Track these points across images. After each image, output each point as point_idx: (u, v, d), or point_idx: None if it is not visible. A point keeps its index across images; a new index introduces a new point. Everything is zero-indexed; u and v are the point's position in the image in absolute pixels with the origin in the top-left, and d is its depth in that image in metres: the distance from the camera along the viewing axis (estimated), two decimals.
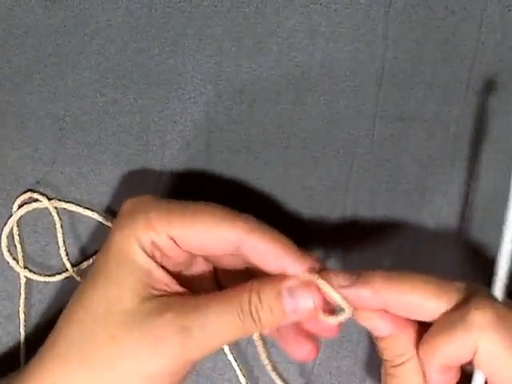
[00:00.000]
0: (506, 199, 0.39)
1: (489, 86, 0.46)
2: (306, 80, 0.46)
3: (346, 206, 0.47)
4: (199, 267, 0.42)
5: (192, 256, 0.41)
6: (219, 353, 0.47)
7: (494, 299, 0.37)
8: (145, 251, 0.38)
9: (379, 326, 0.38)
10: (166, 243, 0.38)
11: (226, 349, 0.47)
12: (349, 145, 0.47)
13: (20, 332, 0.47)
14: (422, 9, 0.46)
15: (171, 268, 0.40)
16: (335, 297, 0.37)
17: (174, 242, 0.38)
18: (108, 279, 0.38)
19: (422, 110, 0.46)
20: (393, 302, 0.37)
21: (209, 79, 0.46)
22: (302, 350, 0.40)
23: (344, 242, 0.47)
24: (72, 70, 0.46)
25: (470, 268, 0.48)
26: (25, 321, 0.47)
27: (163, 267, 0.39)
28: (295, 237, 0.46)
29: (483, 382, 0.36)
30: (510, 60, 0.46)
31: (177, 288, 0.39)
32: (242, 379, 0.47)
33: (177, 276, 0.40)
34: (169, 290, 0.38)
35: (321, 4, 0.45)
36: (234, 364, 0.47)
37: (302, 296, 0.37)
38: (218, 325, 0.37)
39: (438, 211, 0.47)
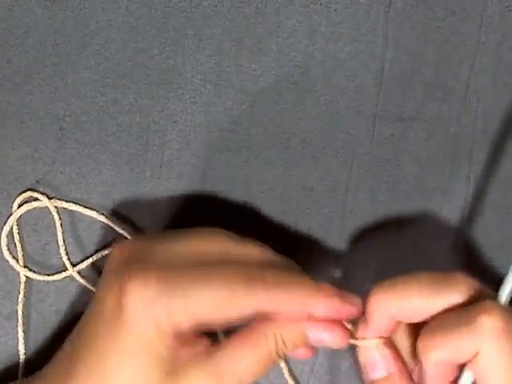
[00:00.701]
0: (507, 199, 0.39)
1: (489, 88, 0.46)
2: (305, 80, 0.46)
3: (345, 206, 0.47)
4: None
5: None
6: None
7: (501, 303, 0.37)
8: (168, 341, 0.37)
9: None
10: (187, 326, 0.37)
11: None
12: (349, 145, 0.47)
13: (18, 331, 0.47)
14: (422, 9, 0.45)
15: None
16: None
17: (195, 321, 0.37)
18: (133, 380, 0.37)
19: (422, 110, 0.46)
20: (397, 310, 0.38)
21: (209, 79, 0.46)
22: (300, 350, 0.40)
23: (344, 242, 0.47)
24: (72, 70, 0.46)
25: (470, 268, 0.48)
26: (24, 320, 0.47)
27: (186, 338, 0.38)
28: (295, 237, 0.47)
29: (471, 382, 0.36)
30: (510, 60, 0.46)
31: (198, 346, 0.38)
32: None
33: None
34: (194, 348, 0.38)
35: (321, 4, 0.45)
36: None
37: (325, 334, 0.38)
38: (251, 376, 0.38)
39: (438, 211, 0.47)
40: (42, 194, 0.46)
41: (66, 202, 0.46)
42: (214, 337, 0.42)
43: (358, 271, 0.48)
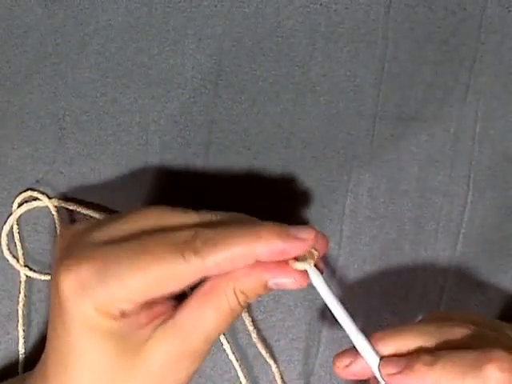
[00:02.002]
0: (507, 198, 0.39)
1: (489, 88, 0.46)
2: (306, 80, 0.46)
3: (345, 206, 0.47)
4: None
5: None
6: (219, 353, 0.48)
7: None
8: (115, 319, 0.36)
9: None
10: (131, 306, 0.36)
11: (227, 349, 0.47)
12: (349, 145, 0.47)
13: (18, 331, 0.47)
14: (422, 9, 0.45)
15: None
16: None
17: (137, 301, 0.36)
18: (90, 360, 0.36)
19: (422, 110, 0.46)
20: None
21: (209, 79, 0.46)
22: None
23: (344, 242, 0.47)
24: (72, 70, 0.46)
25: (470, 267, 0.48)
26: (24, 319, 0.47)
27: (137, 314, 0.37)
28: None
29: None
30: (510, 60, 0.46)
31: (156, 312, 0.37)
32: (242, 379, 0.47)
33: None
34: (151, 319, 0.37)
35: (321, 4, 0.45)
36: (235, 364, 0.47)
37: (286, 280, 0.37)
38: (218, 332, 0.37)
39: (438, 211, 0.47)
40: (42, 193, 0.46)
41: (66, 201, 0.46)
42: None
43: (357, 271, 0.48)
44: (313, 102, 0.46)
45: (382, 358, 0.38)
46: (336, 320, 0.39)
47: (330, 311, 0.39)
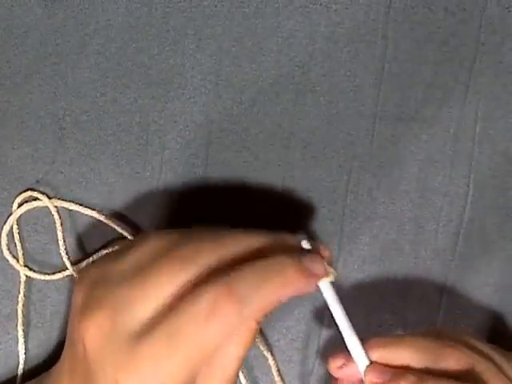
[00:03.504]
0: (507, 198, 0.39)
1: (488, 88, 0.46)
2: (306, 80, 0.46)
3: (345, 206, 0.47)
4: None
5: None
6: None
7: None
8: None
9: None
10: None
11: None
12: (349, 145, 0.47)
13: (18, 331, 0.47)
14: (422, 9, 0.46)
15: None
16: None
17: None
18: None
19: (422, 110, 0.46)
20: None
21: (209, 79, 0.46)
22: None
23: (344, 242, 0.47)
24: (72, 70, 0.46)
25: (470, 268, 0.48)
26: (24, 319, 0.47)
27: None
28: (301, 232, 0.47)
29: None
30: (510, 61, 0.46)
31: None
32: (242, 379, 0.47)
33: None
34: None
35: (321, 4, 0.45)
36: None
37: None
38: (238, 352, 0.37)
39: (438, 211, 0.47)
40: (42, 193, 0.46)
41: (66, 201, 0.46)
42: None
43: (357, 271, 0.48)
44: (313, 102, 0.46)
45: (371, 363, 0.39)
46: (335, 323, 0.39)
47: (330, 311, 0.39)
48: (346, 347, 0.39)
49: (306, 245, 0.39)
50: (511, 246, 0.48)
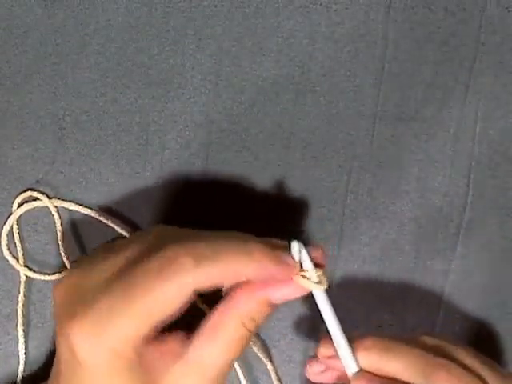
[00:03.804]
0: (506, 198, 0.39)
1: (488, 88, 0.46)
2: (306, 80, 0.46)
3: (345, 206, 0.47)
4: None
5: None
6: None
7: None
8: (130, 357, 0.36)
9: None
10: (139, 340, 0.36)
11: None
12: (349, 145, 0.47)
13: (18, 331, 0.47)
14: (422, 9, 0.46)
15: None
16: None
17: (142, 338, 0.36)
18: None
19: (422, 111, 0.46)
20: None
21: (209, 79, 0.46)
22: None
23: (344, 242, 0.47)
24: (72, 70, 0.46)
25: (470, 268, 0.48)
26: (24, 320, 0.47)
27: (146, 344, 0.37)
28: (295, 237, 0.46)
29: None
30: (510, 61, 0.46)
31: (167, 346, 0.37)
32: (242, 379, 0.47)
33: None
34: (163, 351, 0.37)
35: (321, 4, 0.45)
36: (235, 364, 0.47)
37: (286, 291, 0.38)
38: (227, 361, 0.37)
39: (438, 211, 0.47)
40: (42, 193, 0.46)
41: (66, 201, 0.46)
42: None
43: (357, 271, 0.48)
44: (313, 102, 0.46)
45: (360, 369, 0.39)
46: (327, 330, 0.39)
47: (322, 317, 0.39)
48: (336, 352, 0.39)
49: (295, 248, 0.38)
50: (511, 245, 0.48)
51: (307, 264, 0.38)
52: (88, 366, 0.36)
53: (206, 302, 0.45)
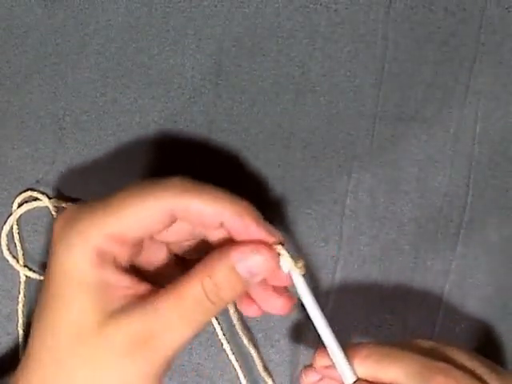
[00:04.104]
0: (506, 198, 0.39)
1: (488, 88, 0.46)
2: (306, 80, 0.46)
3: (345, 206, 0.47)
4: (156, 253, 0.41)
5: (139, 243, 0.39)
6: (219, 353, 0.48)
7: None
8: (92, 264, 0.36)
9: None
10: (108, 244, 0.37)
11: (227, 349, 0.47)
12: (349, 145, 0.47)
13: (18, 331, 0.47)
14: (422, 9, 0.46)
15: (127, 264, 0.38)
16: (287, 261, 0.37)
17: (114, 237, 0.37)
18: (66, 305, 0.36)
19: (422, 111, 0.46)
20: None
21: (209, 79, 0.46)
22: (275, 305, 0.40)
23: (344, 242, 0.47)
24: (72, 70, 0.46)
25: (470, 268, 0.48)
26: (24, 320, 0.47)
27: (118, 268, 0.37)
28: (295, 237, 0.47)
29: None
30: (510, 61, 0.46)
31: (137, 287, 0.37)
32: (242, 379, 0.47)
33: (140, 271, 0.39)
34: (130, 292, 0.37)
35: (321, 4, 0.45)
36: (235, 364, 0.47)
37: (254, 258, 0.37)
38: (180, 322, 0.36)
39: (437, 212, 0.47)
40: (42, 193, 0.46)
41: (66, 201, 0.46)
42: None
43: (357, 271, 0.48)
44: (313, 101, 0.46)
45: (358, 379, 0.39)
46: (318, 335, 0.39)
47: (313, 325, 0.39)
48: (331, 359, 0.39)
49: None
50: (511, 246, 0.48)
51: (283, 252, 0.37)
52: (56, 265, 0.37)
53: None
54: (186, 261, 0.42)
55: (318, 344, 0.41)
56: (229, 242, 0.38)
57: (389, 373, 0.38)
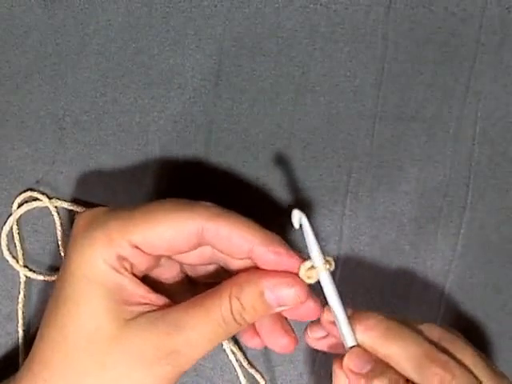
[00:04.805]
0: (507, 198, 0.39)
1: (488, 88, 0.46)
2: (306, 80, 0.46)
3: (345, 206, 0.47)
4: (169, 270, 0.41)
5: (159, 258, 0.39)
6: (219, 353, 0.48)
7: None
8: (112, 268, 0.36)
9: None
10: (130, 252, 0.37)
11: (227, 349, 0.47)
12: (349, 145, 0.47)
13: (18, 331, 0.47)
14: (422, 9, 0.46)
15: (141, 274, 0.38)
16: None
17: (138, 248, 0.37)
18: (81, 307, 0.36)
19: (422, 111, 0.46)
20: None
21: (209, 79, 0.46)
22: (279, 343, 0.40)
23: (344, 242, 0.47)
24: (72, 70, 0.46)
25: (470, 268, 0.48)
26: (24, 320, 0.47)
27: (134, 277, 0.37)
28: (295, 236, 0.47)
29: None
30: (510, 61, 0.46)
31: (152, 297, 0.37)
32: (242, 379, 0.47)
33: (150, 282, 0.39)
34: (145, 301, 0.37)
35: (321, 4, 0.45)
36: (235, 364, 0.47)
37: (284, 291, 0.37)
38: (203, 339, 0.36)
39: (437, 212, 0.47)
40: (42, 193, 0.46)
41: (66, 201, 0.46)
42: None
43: (357, 271, 0.48)
44: (313, 102, 0.46)
45: (357, 345, 0.38)
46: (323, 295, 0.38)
47: (320, 284, 0.38)
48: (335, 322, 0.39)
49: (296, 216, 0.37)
50: (511, 246, 0.48)
51: (309, 235, 0.37)
52: (72, 263, 0.37)
53: None
54: (194, 281, 0.42)
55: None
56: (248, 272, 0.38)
57: (390, 349, 0.38)
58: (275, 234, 0.37)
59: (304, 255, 0.37)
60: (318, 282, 0.37)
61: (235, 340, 0.48)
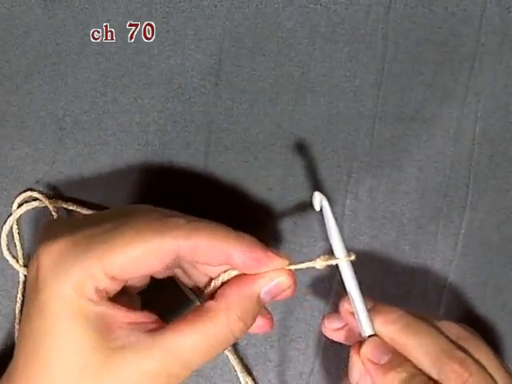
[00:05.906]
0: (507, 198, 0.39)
1: (488, 88, 0.46)
2: (306, 80, 0.46)
3: (345, 206, 0.47)
4: (139, 282, 0.41)
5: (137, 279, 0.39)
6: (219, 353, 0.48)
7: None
8: (90, 301, 0.35)
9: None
10: (108, 283, 0.35)
11: (227, 349, 0.47)
12: (349, 145, 0.47)
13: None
14: (422, 9, 0.46)
15: (114, 294, 0.37)
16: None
17: (115, 278, 0.36)
18: (65, 345, 0.35)
19: (422, 111, 0.46)
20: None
21: (209, 79, 0.46)
22: (256, 323, 0.39)
23: (344, 242, 0.47)
24: (72, 70, 0.46)
25: (470, 268, 0.48)
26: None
27: (109, 301, 0.36)
28: (295, 236, 0.47)
29: None
30: (510, 61, 0.46)
31: (132, 316, 0.36)
32: (242, 379, 0.47)
33: (128, 300, 0.39)
34: (127, 320, 0.36)
35: (321, 4, 0.45)
36: (235, 364, 0.47)
37: (277, 281, 0.37)
38: (201, 360, 0.36)
39: (437, 212, 0.47)
40: (42, 193, 0.46)
41: (66, 201, 0.46)
42: None
43: (357, 271, 0.48)
44: (313, 102, 0.46)
45: (374, 334, 0.38)
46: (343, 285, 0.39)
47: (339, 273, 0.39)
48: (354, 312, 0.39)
49: (317, 198, 0.37)
50: (511, 246, 0.48)
51: (330, 220, 0.37)
52: (45, 298, 0.35)
53: None
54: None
55: (321, 344, 0.41)
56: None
57: (408, 343, 0.38)
58: (249, 235, 0.37)
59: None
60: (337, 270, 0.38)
61: None
